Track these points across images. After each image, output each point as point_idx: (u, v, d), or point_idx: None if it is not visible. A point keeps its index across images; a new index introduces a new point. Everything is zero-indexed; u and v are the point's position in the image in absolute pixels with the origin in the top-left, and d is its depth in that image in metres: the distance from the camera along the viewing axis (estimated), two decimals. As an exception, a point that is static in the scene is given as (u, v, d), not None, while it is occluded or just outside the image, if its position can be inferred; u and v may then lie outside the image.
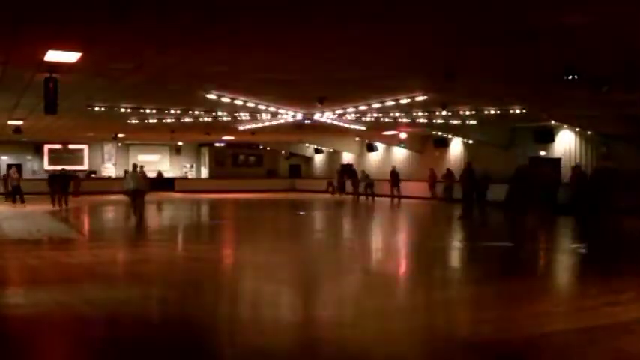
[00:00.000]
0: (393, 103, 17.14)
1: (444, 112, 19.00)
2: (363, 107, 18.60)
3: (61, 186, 23.18)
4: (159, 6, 7.71)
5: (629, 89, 14.51)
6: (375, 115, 20.63)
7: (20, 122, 22.33)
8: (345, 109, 19.15)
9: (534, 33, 9.05)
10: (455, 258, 11.78)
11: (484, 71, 12.75)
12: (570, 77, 11.78)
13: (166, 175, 39.47)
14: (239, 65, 12.06)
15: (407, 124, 24.15)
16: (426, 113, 20.22)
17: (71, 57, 10.56)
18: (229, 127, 25.34)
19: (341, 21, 8.40)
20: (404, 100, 16.72)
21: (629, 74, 12.80)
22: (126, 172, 34.86)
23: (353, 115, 20.59)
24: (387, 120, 21.77)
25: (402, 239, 15.38)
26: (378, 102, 17.37)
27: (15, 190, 24.89)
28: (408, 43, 9.99)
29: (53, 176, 24.19)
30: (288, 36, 9.46)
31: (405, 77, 13.63)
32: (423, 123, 22.90)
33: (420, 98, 16.30)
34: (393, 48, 10.34)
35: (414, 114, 20.39)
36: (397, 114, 20.36)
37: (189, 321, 6.55)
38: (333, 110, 19.57)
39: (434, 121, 22.59)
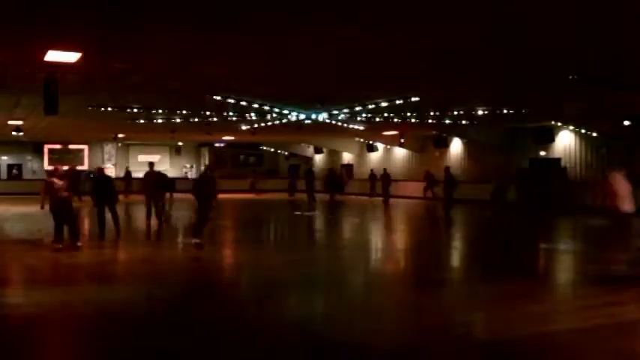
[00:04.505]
0: (392, 103, 17.14)
1: (443, 113, 19.01)
2: (363, 107, 18.60)
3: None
4: (159, 6, 7.72)
5: (628, 89, 14.52)
6: (375, 115, 20.63)
7: (20, 122, 22.33)
8: (344, 108, 19.15)
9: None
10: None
11: (484, 71, 12.76)
12: (571, 77, 11.81)
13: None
14: (239, 65, 12.07)
15: (407, 124, 24.14)
16: (427, 113, 20.21)
17: (71, 57, 10.56)
18: (229, 127, 25.35)
19: (341, 21, 8.41)
20: (404, 101, 16.72)
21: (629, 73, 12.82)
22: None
23: (352, 115, 20.59)
24: (387, 120, 21.77)
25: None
26: (379, 102, 17.37)
27: None
28: (409, 44, 10.00)
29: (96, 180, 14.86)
30: (289, 36, 9.46)
31: (405, 77, 13.63)
32: (423, 123, 22.89)
33: (420, 99, 16.30)
34: (394, 48, 10.34)
35: (414, 114, 20.38)
36: (397, 114, 20.36)
37: (189, 321, 6.55)
38: (332, 110, 19.57)
39: (434, 121, 22.59)
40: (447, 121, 22.82)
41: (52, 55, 10.39)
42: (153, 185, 15.67)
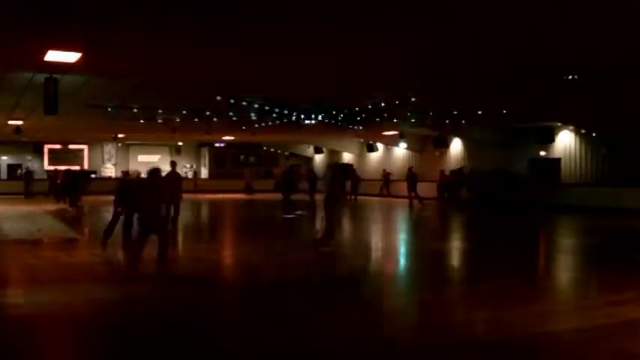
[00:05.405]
0: (392, 103, 17.15)
1: (443, 113, 19.03)
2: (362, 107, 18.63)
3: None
4: (160, 6, 7.73)
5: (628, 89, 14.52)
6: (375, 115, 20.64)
7: (20, 122, 22.34)
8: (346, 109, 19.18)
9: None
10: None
11: (484, 71, 12.76)
12: (571, 77, 11.81)
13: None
14: (240, 65, 12.08)
15: (407, 125, 24.17)
16: (426, 113, 20.24)
17: (71, 57, 10.57)
18: (229, 127, 25.35)
19: (341, 21, 8.42)
20: (403, 101, 16.73)
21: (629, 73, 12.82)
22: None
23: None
24: (386, 120, 21.78)
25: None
26: (378, 102, 17.39)
27: None
28: (409, 44, 10.00)
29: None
30: (287, 37, 9.47)
31: (405, 77, 13.64)
32: (423, 123, 22.91)
33: (420, 99, 16.32)
34: (393, 48, 10.35)
35: (414, 114, 20.40)
36: (397, 114, 20.38)
37: (188, 321, 6.56)
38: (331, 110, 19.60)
39: (434, 122, 22.61)
40: (447, 121, 22.85)
41: (52, 55, 10.40)
42: (174, 187, 14.43)
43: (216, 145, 41.01)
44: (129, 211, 11.03)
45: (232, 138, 33.34)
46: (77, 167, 37.19)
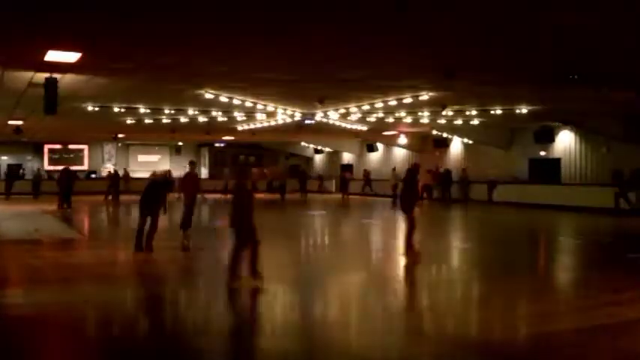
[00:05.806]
0: (394, 102, 17.13)
1: (444, 113, 18.99)
2: (364, 107, 18.59)
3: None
4: (159, 7, 7.72)
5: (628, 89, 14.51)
6: (377, 115, 20.62)
7: (20, 122, 22.33)
8: (346, 109, 19.13)
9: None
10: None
11: (485, 71, 12.74)
12: (571, 77, 11.79)
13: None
14: (239, 65, 12.07)
15: (408, 124, 24.15)
16: (428, 113, 20.21)
17: (71, 57, 10.57)
18: (229, 127, 25.33)
19: (340, 21, 8.41)
20: (405, 100, 16.71)
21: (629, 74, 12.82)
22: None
23: (354, 115, 20.58)
24: (388, 120, 21.76)
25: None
26: (380, 102, 17.36)
27: None
28: (410, 43, 10.00)
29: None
30: (288, 36, 9.46)
31: (406, 77, 13.62)
32: (423, 123, 22.89)
33: (420, 98, 16.29)
34: (395, 48, 10.35)
35: (417, 114, 20.38)
36: (399, 114, 20.35)
37: (186, 322, 6.56)
38: (335, 110, 19.56)
39: (436, 120, 22.59)
40: (448, 121, 22.85)
41: (52, 55, 10.39)
42: (194, 188, 13.37)
43: (216, 145, 40.99)
44: (154, 214, 10.70)
45: (232, 138, 33.30)
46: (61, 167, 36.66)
